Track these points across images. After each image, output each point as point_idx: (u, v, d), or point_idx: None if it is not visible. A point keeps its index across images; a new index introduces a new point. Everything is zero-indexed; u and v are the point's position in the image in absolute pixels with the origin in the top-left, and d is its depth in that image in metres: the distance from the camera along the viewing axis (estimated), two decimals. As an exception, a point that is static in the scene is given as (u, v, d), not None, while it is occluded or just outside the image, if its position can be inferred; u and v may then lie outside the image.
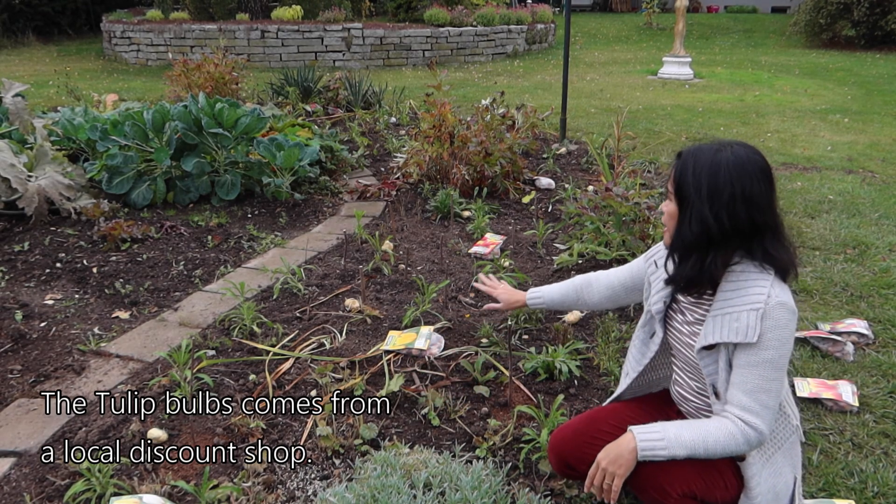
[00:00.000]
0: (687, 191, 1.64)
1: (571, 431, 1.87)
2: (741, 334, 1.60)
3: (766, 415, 1.60)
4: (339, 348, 2.84)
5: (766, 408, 1.60)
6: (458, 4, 14.00)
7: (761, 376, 1.60)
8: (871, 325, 3.04)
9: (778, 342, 1.59)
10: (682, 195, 1.66)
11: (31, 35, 15.18)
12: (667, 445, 1.62)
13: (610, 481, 1.65)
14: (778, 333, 1.59)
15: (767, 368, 1.60)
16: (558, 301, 2.29)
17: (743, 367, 1.62)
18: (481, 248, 3.88)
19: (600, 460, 1.68)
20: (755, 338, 1.59)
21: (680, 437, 1.63)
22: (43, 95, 8.93)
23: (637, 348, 1.96)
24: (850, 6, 13.94)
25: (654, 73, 11.55)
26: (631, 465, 1.64)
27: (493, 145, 4.81)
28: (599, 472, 1.67)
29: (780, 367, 1.61)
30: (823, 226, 4.35)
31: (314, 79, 7.93)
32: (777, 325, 1.59)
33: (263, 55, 12.12)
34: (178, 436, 2.30)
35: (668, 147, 6.33)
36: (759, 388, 1.60)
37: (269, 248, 3.99)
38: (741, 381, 1.62)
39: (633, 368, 1.96)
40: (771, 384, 1.60)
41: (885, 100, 9.10)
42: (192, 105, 4.72)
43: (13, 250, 3.86)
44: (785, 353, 1.61)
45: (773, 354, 1.59)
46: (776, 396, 1.61)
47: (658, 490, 1.65)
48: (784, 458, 1.73)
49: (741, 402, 1.61)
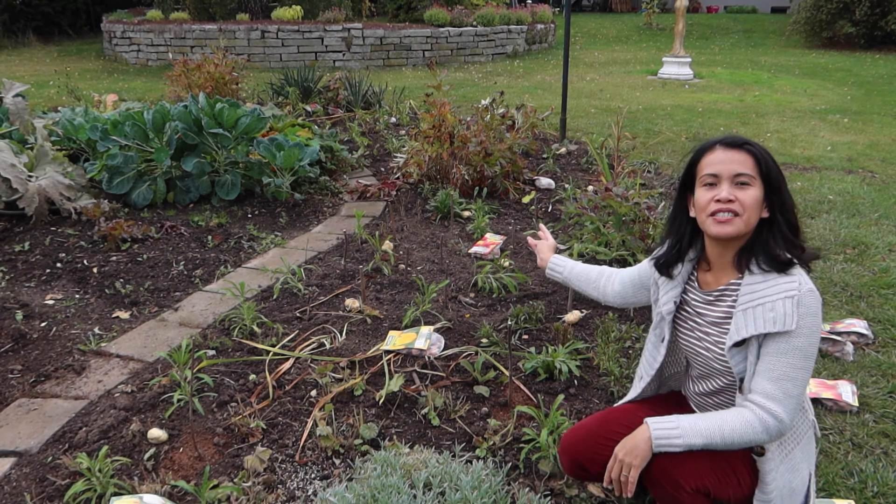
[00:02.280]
0: (775, 174, 1.70)
1: (584, 432, 1.86)
2: (779, 323, 1.59)
3: (789, 403, 1.59)
4: (339, 348, 2.84)
5: (789, 396, 1.59)
6: (458, 4, 14.01)
7: (790, 364, 1.59)
8: (870, 324, 3.04)
9: (809, 330, 1.59)
10: (770, 179, 1.69)
11: (31, 35, 15.20)
12: (682, 434, 1.62)
13: (627, 472, 1.65)
14: (810, 321, 1.59)
15: (797, 356, 1.59)
16: (574, 279, 2.26)
17: (772, 356, 1.61)
18: (481, 248, 3.88)
19: (617, 452, 1.68)
20: (794, 325, 1.57)
21: (695, 426, 1.62)
22: (43, 95, 8.94)
23: (649, 352, 1.96)
24: (850, 6, 13.95)
25: (653, 73, 11.55)
26: (647, 456, 1.64)
27: (493, 145, 4.81)
28: (617, 465, 1.67)
29: (808, 355, 1.60)
30: (823, 226, 4.35)
31: (314, 79, 7.94)
32: (809, 311, 1.59)
33: (263, 55, 12.13)
34: (178, 436, 2.31)
35: (668, 147, 6.33)
36: (786, 375, 1.59)
37: (270, 248, 3.99)
38: (768, 368, 1.61)
39: (646, 372, 1.96)
40: (797, 372, 1.59)
41: (885, 100, 9.10)
42: (192, 105, 4.73)
43: (14, 250, 3.87)
44: (815, 341, 1.61)
45: (804, 342, 1.59)
46: (801, 386, 1.60)
47: (671, 483, 1.64)
48: (802, 453, 1.73)
49: (765, 389, 1.60)
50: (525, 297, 3.32)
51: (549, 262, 2.32)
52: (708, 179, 1.70)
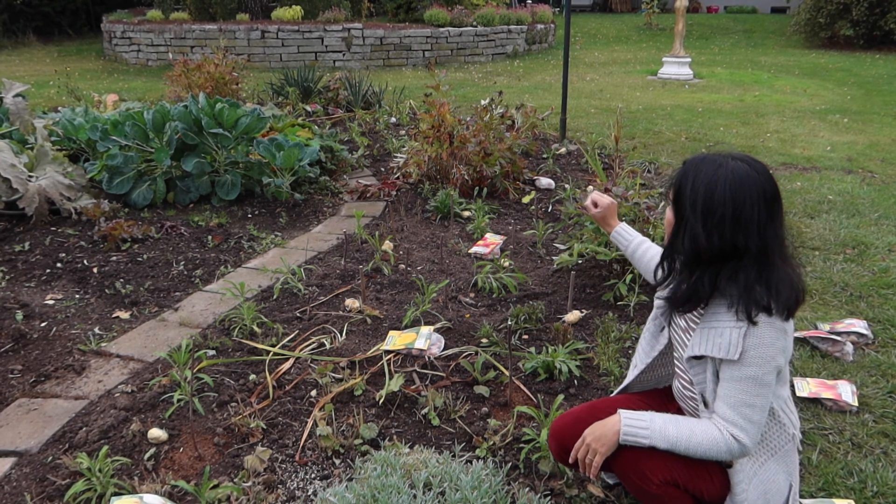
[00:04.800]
0: (683, 204, 1.63)
1: (572, 419, 1.89)
2: (723, 350, 1.60)
3: (751, 429, 1.60)
4: (339, 348, 2.84)
5: (750, 422, 1.60)
6: (458, 4, 14.01)
7: (745, 391, 1.60)
8: (870, 324, 3.05)
9: (761, 360, 1.58)
10: (678, 207, 1.66)
11: (31, 35, 15.19)
12: (650, 435, 1.64)
13: (592, 457, 1.68)
14: (762, 351, 1.58)
15: (750, 384, 1.59)
16: (632, 250, 2.23)
17: (727, 381, 1.63)
18: (481, 248, 3.88)
19: (586, 435, 1.71)
20: (737, 355, 1.58)
21: (665, 431, 1.64)
22: (43, 96, 8.94)
23: (647, 340, 1.96)
24: (849, 6, 13.95)
25: (653, 73, 11.55)
26: (612, 446, 1.66)
27: (493, 145, 4.81)
28: (584, 447, 1.71)
29: (763, 383, 1.60)
30: (823, 226, 4.35)
31: (314, 79, 7.94)
32: (761, 342, 1.58)
33: (263, 55, 12.13)
34: (178, 436, 2.31)
35: (668, 147, 6.33)
36: (743, 402, 1.60)
37: (270, 248, 3.99)
38: (725, 394, 1.63)
39: (641, 360, 1.97)
40: (755, 399, 1.60)
41: (885, 100, 9.10)
42: (192, 105, 4.73)
43: (14, 250, 3.87)
44: (769, 370, 1.59)
45: (756, 371, 1.59)
46: (761, 411, 1.61)
47: (639, 475, 1.66)
48: (778, 464, 1.73)
49: (725, 414, 1.62)
50: (525, 297, 3.32)
51: (614, 231, 2.28)
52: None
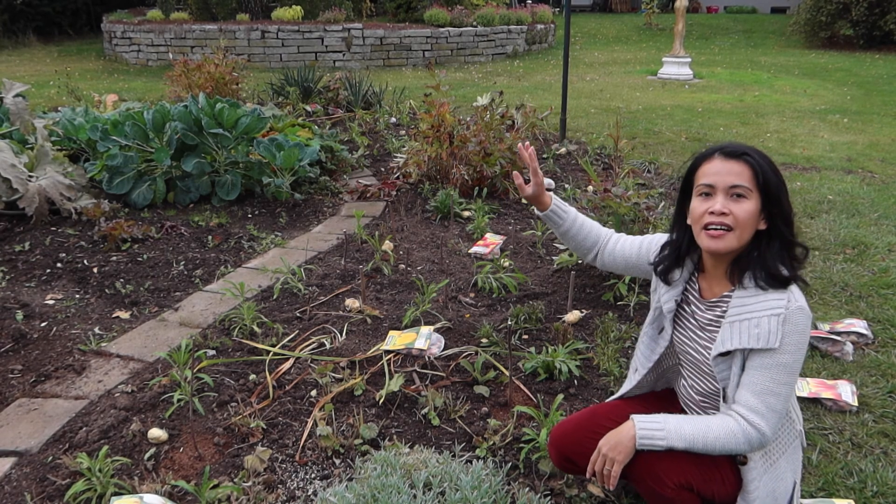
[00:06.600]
0: (774, 186, 1.64)
1: (572, 425, 1.88)
2: (762, 340, 1.60)
3: (772, 417, 1.60)
4: (339, 348, 2.84)
5: (772, 410, 1.60)
6: (458, 4, 14.01)
7: (773, 379, 1.60)
8: (870, 324, 3.05)
9: (795, 347, 1.60)
10: (769, 191, 1.63)
11: (31, 35, 15.19)
12: (666, 436, 1.63)
13: (610, 467, 1.67)
14: (796, 338, 1.59)
15: (781, 372, 1.60)
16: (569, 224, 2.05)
17: (756, 369, 1.62)
18: (481, 248, 3.88)
19: (601, 446, 1.70)
20: (777, 343, 1.58)
21: (680, 430, 1.63)
22: (43, 96, 8.94)
23: (646, 345, 1.96)
24: (849, 6, 13.95)
25: (653, 73, 11.55)
26: (630, 452, 1.65)
27: (493, 145, 4.81)
28: (600, 458, 1.69)
29: (793, 371, 1.61)
30: (823, 226, 4.35)
31: (314, 79, 7.94)
32: (796, 329, 1.59)
33: (264, 55, 12.13)
34: (178, 436, 2.31)
35: (668, 147, 6.33)
36: (769, 390, 1.60)
37: (270, 248, 3.99)
38: (751, 381, 1.62)
39: (642, 364, 1.96)
40: (781, 388, 1.60)
41: (885, 100, 9.10)
42: (192, 105, 4.73)
43: (14, 250, 3.87)
44: (800, 357, 1.61)
45: (788, 359, 1.59)
46: (784, 401, 1.61)
47: (654, 479, 1.65)
48: (787, 462, 1.73)
49: (748, 402, 1.61)
50: (525, 297, 3.32)
51: (549, 208, 2.04)
52: (703, 189, 1.67)
